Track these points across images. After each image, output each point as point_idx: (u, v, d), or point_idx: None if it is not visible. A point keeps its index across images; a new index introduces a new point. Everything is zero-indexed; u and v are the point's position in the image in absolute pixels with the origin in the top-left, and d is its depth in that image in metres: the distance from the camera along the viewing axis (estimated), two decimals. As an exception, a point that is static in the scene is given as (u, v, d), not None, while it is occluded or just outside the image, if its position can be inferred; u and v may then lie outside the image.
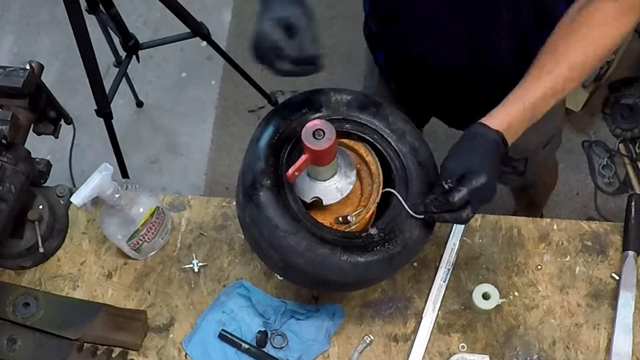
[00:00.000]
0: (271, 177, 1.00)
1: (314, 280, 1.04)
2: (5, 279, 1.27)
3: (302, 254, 0.98)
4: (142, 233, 1.20)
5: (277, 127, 1.04)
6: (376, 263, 1.00)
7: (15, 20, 2.78)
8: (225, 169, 2.40)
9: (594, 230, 1.28)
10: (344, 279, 1.01)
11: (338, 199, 1.03)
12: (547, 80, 1.00)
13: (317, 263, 0.98)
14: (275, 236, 0.98)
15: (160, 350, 1.21)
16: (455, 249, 1.25)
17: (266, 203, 0.98)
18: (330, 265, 0.98)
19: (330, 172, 1.02)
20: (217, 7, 2.74)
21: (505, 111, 1.00)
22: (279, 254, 1.00)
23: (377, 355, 1.19)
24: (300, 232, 0.98)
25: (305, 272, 1.00)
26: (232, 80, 2.52)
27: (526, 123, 1.01)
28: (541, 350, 1.19)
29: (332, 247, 0.98)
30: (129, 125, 2.53)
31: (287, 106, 1.07)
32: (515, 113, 1.00)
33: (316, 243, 0.98)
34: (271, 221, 0.98)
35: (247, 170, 1.02)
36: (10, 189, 1.16)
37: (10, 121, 1.15)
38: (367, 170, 1.09)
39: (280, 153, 1.03)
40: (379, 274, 1.04)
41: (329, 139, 0.93)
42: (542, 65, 1.02)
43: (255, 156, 1.02)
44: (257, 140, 1.03)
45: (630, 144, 2.33)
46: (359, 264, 0.99)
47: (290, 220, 0.98)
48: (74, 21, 1.62)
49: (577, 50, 1.01)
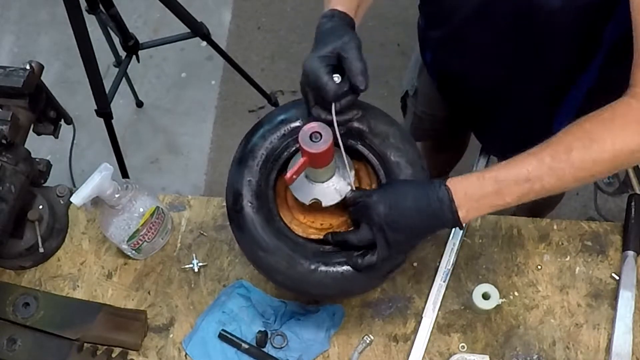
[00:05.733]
0: (250, 198, 1.04)
1: (301, 294, 1.09)
2: (5, 279, 1.27)
3: (283, 272, 1.01)
4: (142, 233, 1.20)
5: (255, 145, 1.06)
6: (358, 275, 1.00)
7: (15, 20, 2.79)
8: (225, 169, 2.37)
9: (594, 230, 1.28)
10: (328, 292, 1.03)
11: (337, 200, 1.03)
12: (527, 163, 0.90)
13: (298, 280, 1.01)
14: (256, 255, 1.03)
15: (160, 350, 1.21)
16: (455, 249, 1.25)
17: (248, 223, 1.03)
18: (312, 282, 1.01)
19: (329, 174, 1.02)
20: (217, 7, 2.74)
21: (468, 181, 0.92)
22: (262, 271, 1.05)
23: (377, 355, 1.19)
24: (279, 251, 1.01)
25: (289, 288, 1.05)
26: (232, 80, 2.53)
27: (496, 206, 0.92)
28: (541, 350, 1.19)
29: (312, 263, 1.00)
30: (129, 125, 2.54)
31: (264, 124, 1.09)
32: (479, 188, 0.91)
33: (295, 261, 1.00)
34: (253, 240, 1.02)
35: (229, 191, 1.06)
36: (10, 189, 1.16)
37: (10, 121, 1.15)
38: (366, 170, 1.09)
39: (262, 171, 1.06)
40: (364, 285, 1.06)
41: (326, 141, 0.93)
42: (535, 149, 0.92)
43: (236, 176, 1.06)
44: (238, 161, 1.07)
45: (630, 144, 2.33)
46: (340, 277, 1.00)
47: (270, 239, 1.01)
48: (74, 21, 1.62)
49: (570, 146, 0.90)
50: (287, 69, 2.60)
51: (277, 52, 2.65)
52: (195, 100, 2.59)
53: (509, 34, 1.10)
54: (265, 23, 2.71)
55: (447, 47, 1.26)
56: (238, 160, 1.07)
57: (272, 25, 2.71)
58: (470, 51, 1.20)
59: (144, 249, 1.24)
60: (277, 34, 2.69)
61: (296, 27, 2.69)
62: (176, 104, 2.59)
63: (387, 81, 2.47)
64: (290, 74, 2.58)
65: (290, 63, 2.61)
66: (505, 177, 0.91)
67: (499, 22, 1.09)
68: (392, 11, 2.55)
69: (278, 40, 2.68)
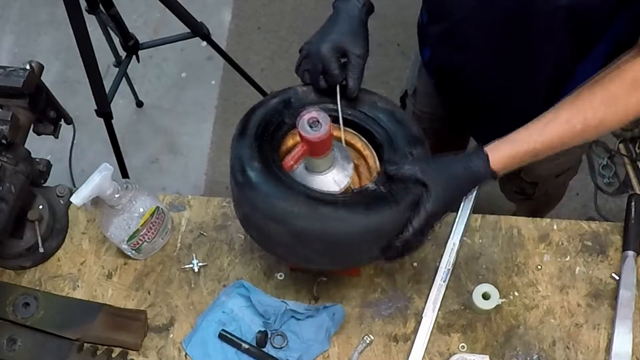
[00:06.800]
0: (258, 159, 1.00)
1: (325, 245, 0.99)
2: (5, 279, 1.27)
3: (304, 214, 0.95)
4: (142, 233, 1.20)
5: (255, 120, 1.06)
6: (383, 212, 0.97)
7: (15, 20, 2.79)
8: (225, 169, 2.38)
9: (594, 230, 1.28)
10: (355, 236, 0.97)
11: (335, 191, 1.03)
12: (559, 129, 0.98)
13: (323, 222, 0.95)
14: (274, 207, 0.96)
15: (160, 350, 1.21)
16: (455, 249, 1.25)
17: (259, 180, 0.98)
18: (337, 221, 0.96)
19: (327, 164, 1.02)
20: (217, 7, 2.74)
21: (509, 150, 0.99)
22: (281, 226, 0.97)
23: (377, 355, 1.19)
24: (298, 197, 0.96)
25: (312, 236, 0.97)
26: (232, 80, 2.53)
27: (526, 162, 1.01)
28: (541, 350, 1.19)
29: (334, 206, 0.96)
30: (129, 125, 2.54)
31: (260, 105, 1.09)
32: (517, 154, 0.99)
33: (316, 203, 0.96)
34: (267, 195, 0.97)
35: (235, 161, 1.02)
36: (10, 189, 1.16)
37: (10, 121, 1.15)
38: (365, 165, 1.09)
39: (263, 139, 1.04)
40: (390, 225, 0.99)
41: (324, 128, 0.94)
42: (560, 111, 0.99)
43: (240, 146, 1.03)
44: (239, 134, 1.04)
45: (630, 144, 2.33)
46: (366, 215, 0.96)
47: (286, 190, 0.97)
48: (74, 21, 1.62)
49: (596, 108, 0.98)
50: (287, 69, 2.60)
51: (277, 52, 2.65)
52: (195, 100, 2.58)
53: (507, 29, 1.11)
54: (265, 23, 2.71)
55: (445, 43, 1.26)
56: (238, 133, 1.05)
57: (272, 25, 2.71)
58: (468, 46, 1.20)
59: (144, 249, 1.24)
60: (277, 34, 2.69)
61: (296, 27, 2.69)
62: (176, 104, 2.59)
63: (387, 81, 2.47)
64: (290, 74, 2.55)
65: (290, 63, 2.60)
66: (545, 150, 0.99)
67: (499, 17, 1.10)
68: (392, 11, 2.55)
69: (278, 40, 2.68)
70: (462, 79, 1.28)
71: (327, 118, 0.95)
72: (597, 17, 1.04)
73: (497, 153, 0.98)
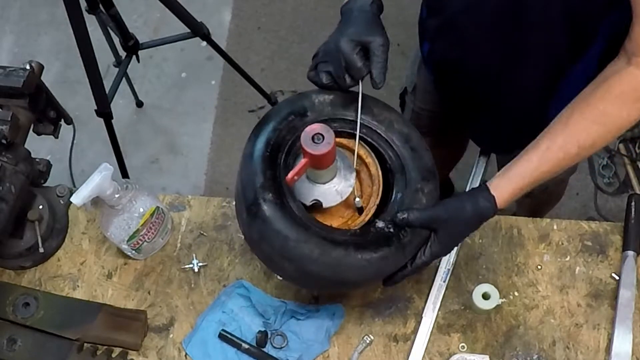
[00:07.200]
0: (272, 190, 0.99)
1: (333, 283, 1.04)
2: (5, 279, 1.27)
3: (317, 259, 0.97)
4: (142, 233, 1.20)
5: (267, 139, 1.03)
6: (391, 255, 1.00)
7: (15, 20, 2.78)
8: (225, 169, 2.40)
9: (594, 230, 1.28)
10: (362, 277, 1.02)
11: (338, 201, 1.03)
12: (556, 156, 1.00)
13: (334, 266, 0.98)
14: (287, 247, 0.97)
15: (160, 350, 1.21)
16: (456, 249, 1.25)
17: (272, 216, 0.97)
18: (348, 267, 0.98)
19: (330, 175, 1.02)
20: (217, 7, 2.74)
21: (512, 187, 1.01)
22: (293, 265, 1.00)
23: (377, 355, 1.19)
24: (311, 239, 0.97)
25: (323, 277, 1.00)
26: (232, 80, 2.53)
27: (526, 191, 1.03)
28: (541, 350, 1.19)
29: (345, 248, 0.98)
30: (129, 125, 2.53)
31: (273, 117, 1.06)
32: (520, 188, 1.01)
33: (329, 247, 0.98)
34: (280, 233, 0.97)
35: (246, 187, 1.01)
36: (10, 189, 1.16)
37: (10, 121, 1.15)
38: (367, 172, 1.09)
39: (276, 163, 1.02)
40: (395, 265, 1.04)
41: (328, 143, 0.93)
42: (554, 137, 1.01)
43: (252, 172, 1.00)
44: (250, 155, 1.02)
45: (630, 144, 2.33)
46: (374, 259, 0.99)
47: (299, 229, 0.97)
48: (74, 21, 1.62)
49: (589, 130, 0.99)
50: (287, 69, 2.60)
51: (277, 52, 2.65)
52: (195, 100, 2.58)
53: (503, 23, 1.11)
54: (265, 23, 2.71)
55: (443, 36, 1.26)
56: (249, 154, 1.03)
57: (272, 25, 2.70)
58: (465, 40, 1.21)
59: (144, 249, 1.24)
60: (277, 34, 2.69)
61: (296, 27, 2.69)
62: (176, 104, 2.59)
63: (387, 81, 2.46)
64: (290, 74, 2.58)
65: (290, 63, 2.61)
66: (545, 177, 1.02)
67: (494, 10, 1.11)
68: (392, 11, 2.54)
69: (278, 40, 2.67)
70: (460, 73, 1.28)
71: (331, 133, 0.94)
72: (591, 9, 1.04)
73: (501, 193, 1.01)
